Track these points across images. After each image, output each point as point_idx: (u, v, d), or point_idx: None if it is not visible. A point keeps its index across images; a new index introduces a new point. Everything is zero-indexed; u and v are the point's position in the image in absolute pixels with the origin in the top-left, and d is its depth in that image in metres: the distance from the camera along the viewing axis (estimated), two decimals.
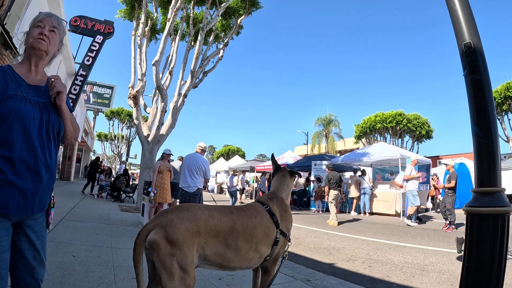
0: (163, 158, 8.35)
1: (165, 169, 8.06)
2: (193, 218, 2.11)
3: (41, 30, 1.89)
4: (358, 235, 8.94)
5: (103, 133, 50.65)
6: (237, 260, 2.31)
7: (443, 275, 5.03)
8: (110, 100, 31.72)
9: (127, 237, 6.47)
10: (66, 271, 3.83)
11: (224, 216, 2.29)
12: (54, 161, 1.88)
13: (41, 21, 1.91)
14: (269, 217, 2.55)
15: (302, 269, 5.24)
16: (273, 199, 2.76)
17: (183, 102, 13.24)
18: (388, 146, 19.10)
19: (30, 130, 1.74)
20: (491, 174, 2.18)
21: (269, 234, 2.49)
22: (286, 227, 2.66)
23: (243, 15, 14.69)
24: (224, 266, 2.31)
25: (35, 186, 1.75)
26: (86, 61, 12.64)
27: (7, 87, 1.73)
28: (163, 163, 8.17)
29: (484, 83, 2.24)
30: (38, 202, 1.78)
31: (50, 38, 1.91)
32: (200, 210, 2.21)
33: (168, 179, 8.11)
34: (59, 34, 1.99)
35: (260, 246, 2.43)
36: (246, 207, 2.59)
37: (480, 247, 2.11)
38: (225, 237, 2.23)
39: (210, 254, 2.17)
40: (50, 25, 1.92)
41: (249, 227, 2.37)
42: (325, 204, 16.69)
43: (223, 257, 2.23)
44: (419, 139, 33.45)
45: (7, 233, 1.70)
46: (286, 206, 2.81)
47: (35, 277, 1.82)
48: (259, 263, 2.55)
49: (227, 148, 58.89)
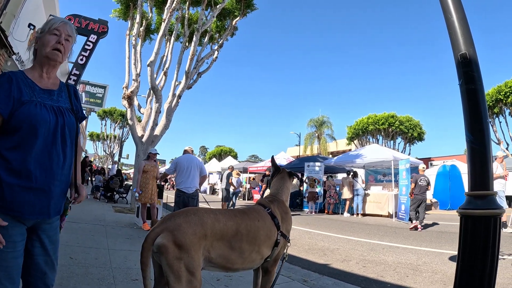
0: (149, 157, 8.33)
1: (150, 169, 8.00)
2: (200, 222, 2.15)
3: (58, 39, 1.88)
4: (352, 236, 9.04)
5: (95, 133, 50.24)
6: (240, 262, 2.36)
7: (436, 275, 5.13)
8: (102, 100, 31.45)
9: (122, 239, 6.49)
10: (65, 273, 3.85)
11: (229, 219, 2.33)
12: (68, 164, 1.90)
13: (57, 29, 1.90)
14: (271, 220, 2.61)
15: (297, 269, 5.31)
16: (274, 202, 2.81)
17: (177, 103, 13.25)
18: (380, 148, 19.28)
19: (46, 134, 1.76)
20: (483, 179, 2.26)
21: (270, 236, 2.55)
22: (286, 229, 2.72)
23: (238, 17, 14.74)
24: (228, 268, 2.36)
25: (50, 189, 1.77)
26: (80, 60, 12.56)
27: (21, 94, 1.74)
28: (149, 162, 8.13)
29: (479, 92, 2.33)
30: (53, 205, 1.81)
31: (65, 48, 1.92)
32: (206, 214, 2.25)
33: (153, 179, 8.05)
34: (72, 42, 2.01)
35: (262, 248, 2.49)
36: (249, 210, 2.64)
37: (474, 247, 2.19)
38: (230, 240, 2.28)
39: (215, 257, 2.21)
40: (66, 33, 1.93)
41: (253, 230, 2.42)
42: (318, 205, 16.82)
43: (228, 259, 2.28)
44: (411, 141, 33.71)
45: (22, 238, 1.72)
46: (286, 208, 2.87)
47: (46, 282, 1.84)
48: (260, 264, 2.60)
49: (219, 148, 58.73)
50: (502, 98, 23.57)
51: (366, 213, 15.02)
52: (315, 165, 18.30)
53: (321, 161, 19.04)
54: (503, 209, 2.21)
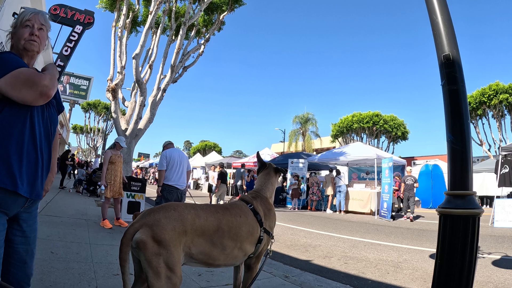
0: (115, 146, 7.78)
1: (117, 159, 7.51)
2: (180, 218, 2.13)
3: (31, 30, 1.89)
4: (334, 232, 9.12)
5: (78, 126, 49.61)
6: (222, 259, 2.35)
7: (416, 272, 5.22)
8: (87, 92, 31.06)
9: (104, 233, 6.42)
10: (46, 268, 3.78)
11: (210, 215, 2.32)
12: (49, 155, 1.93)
13: (29, 20, 1.89)
14: (253, 216, 2.59)
15: (279, 265, 5.32)
16: (257, 198, 2.79)
17: (162, 97, 13.15)
18: (364, 146, 19.49)
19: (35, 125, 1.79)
20: (463, 179, 2.31)
21: (253, 233, 2.54)
22: (269, 226, 2.71)
23: (225, 11, 14.67)
24: (210, 264, 2.34)
25: (34, 177, 1.80)
26: (65, 51, 12.28)
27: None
28: (115, 152, 7.59)
29: (461, 93, 2.37)
30: (36, 193, 1.83)
31: (40, 37, 1.92)
32: (186, 209, 2.23)
33: (121, 171, 7.61)
34: (47, 30, 2.00)
35: (245, 244, 2.47)
36: (231, 206, 2.61)
37: (452, 245, 2.23)
38: (211, 236, 2.26)
39: (196, 253, 2.20)
40: (38, 23, 1.92)
41: (234, 226, 2.40)
42: (301, 201, 16.92)
43: (209, 255, 2.26)
44: (394, 140, 34.18)
45: (3, 228, 1.71)
46: (270, 205, 2.84)
47: (26, 272, 1.84)
48: (243, 260, 2.60)
49: (203, 143, 58.62)
50: (486, 101, 24.33)
51: (349, 210, 15.16)
52: (299, 162, 18.38)
53: (305, 158, 19.14)
54: (481, 209, 2.25)
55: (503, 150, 12.00)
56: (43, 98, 1.75)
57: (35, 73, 1.74)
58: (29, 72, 1.72)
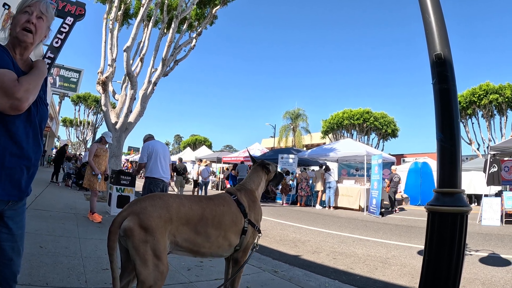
0: (101, 140, 7.80)
1: (103, 153, 7.57)
2: (165, 205, 2.20)
3: (28, 18, 1.74)
4: (323, 228, 9.18)
5: (68, 119, 49.14)
6: (207, 246, 2.42)
7: (404, 268, 5.29)
8: (77, 85, 30.60)
9: (94, 227, 6.38)
10: (35, 262, 3.75)
11: (194, 204, 2.40)
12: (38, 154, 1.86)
13: (29, 6, 1.76)
14: (237, 206, 2.67)
15: (268, 260, 5.36)
16: (242, 190, 2.88)
17: (153, 90, 13.07)
18: (354, 142, 19.61)
19: (32, 119, 1.74)
20: (452, 176, 2.33)
21: (237, 223, 2.61)
22: (254, 218, 2.77)
23: (218, 5, 14.56)
24: (196, 252, 2.41)
25: (26, 172, 1.75)
26: (55, 43, 12.10)
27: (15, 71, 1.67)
28: (101, 146, 7.65)
29: (451, 92, 2.39)
30: (24, 188, 1.78)
31: (37, 27, 1.77)
32: (171, 198, 2.31)
33: (105, 164, 7.64)
34: (47, 20, 1.85)
35: (229, 233, 2.54)
36: (215, 197, 2.71)
37: (440, 243, 2.25)
38: (195, 224, 2.33)
39: (181, 241, 2.26)
40: (38, 11, 1.78)
41: (218, 215, 2.49)
42: (291, 196, 16.98)
43: (194, 243, 2.34)
44: (384, 137, 34.39)
45: None
46: (254, 197, 2.91)
47: (12, 269, 1.79)
48: (230, 251, 2.65)
49: (194, 138, 58.42)
50: (476, 100, 24.65)
51: (338, 206, 15.25)
52: (289, 157, 18.41)
53: (295, 153, 19.18)
54: (469, 207, 2.28)
55: (492, 149, 12.20)
56: (14, 111, 1.58)
57: (10, 80, 1.57)
58: (5, 77, 1.56)
